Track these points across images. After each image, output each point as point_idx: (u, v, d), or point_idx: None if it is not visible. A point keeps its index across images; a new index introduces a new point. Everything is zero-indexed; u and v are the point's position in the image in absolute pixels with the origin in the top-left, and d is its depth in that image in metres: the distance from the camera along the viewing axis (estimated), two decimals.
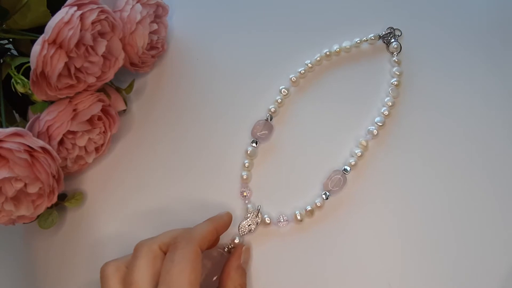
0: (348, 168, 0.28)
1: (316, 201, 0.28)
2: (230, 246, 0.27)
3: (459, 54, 0.30)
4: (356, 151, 0.28)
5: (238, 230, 0.27)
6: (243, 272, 0.25)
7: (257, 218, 0.27)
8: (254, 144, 0.30)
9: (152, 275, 0.21)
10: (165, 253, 0.23)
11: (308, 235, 0.27)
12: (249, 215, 0.27)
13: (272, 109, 0.30)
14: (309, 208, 0.27)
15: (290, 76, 0.31)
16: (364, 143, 0.28)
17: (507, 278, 0.25)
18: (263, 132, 0.29)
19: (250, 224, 0.27)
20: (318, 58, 0.31)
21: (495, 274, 0.25)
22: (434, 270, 0.26)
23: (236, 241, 0.27)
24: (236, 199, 0.29)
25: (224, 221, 0.25)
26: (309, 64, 0.31)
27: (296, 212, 0.27)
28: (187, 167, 0.30)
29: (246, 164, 0.29)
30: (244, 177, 0.29)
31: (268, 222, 0.27)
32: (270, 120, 0.30)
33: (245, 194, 0.28)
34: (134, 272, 0.21)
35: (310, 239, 0.27)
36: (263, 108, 0.31)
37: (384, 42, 0.31)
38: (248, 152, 0.29)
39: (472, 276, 0.25)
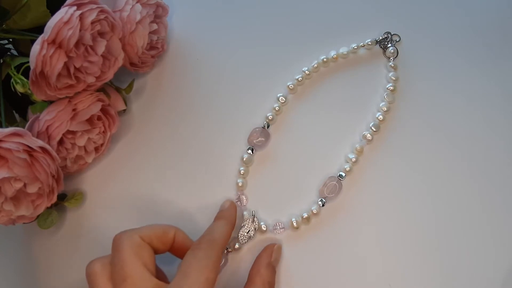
0: (343, 174, 0.28)
1: (312, 208, 0.28)
2: (228, 249, 0.27)
3: (456, 59, 0.30)
4: (351, 157, 0.29)
5: (238, 239, 0.27)
6: (273, 270, 0.25)
7: (254, 224, 0.27)
8: (250, 151, 0.29)
9: (143, 265, 0.21)
10: (148, 243, 0.22)
11: (305, 242, 0.27)
12: (245, 222, 0.27)
13: (270, 117, 0.30)
14: (305, 215, 0.28)
15: (288, 84, 0.31)
16: (359, 148, 0.29)
17: (507, 278, 0.25)
18: (259, 139, 0.29)
19: (248, 231, 0.27)
20: (316, 65, 0.31)
21: (495, 274, 0.25)
22: (434, 271, 0.26)
23: (236, 246, 0.27)
24: None
25: (234, 215, 0.26)
26: (306, 71, 0.31)
27: (293, 219, 0.28)
28: (184, 170, 0.30)
29: (242, 172, 0.29)
30: (240, 184, 0.29)
31: (265, 229, 0.28)
32: (267, 127, 0.30)
33: (240, 201, 0.28)
34: (125, 266, 0.20)
35: (307, 246, 0.27)
36: (260, 115, 0.31)
37: (381, 47, 0.31)
38: (244, 159, 0.29)
39: (472, 277, 0.26)
